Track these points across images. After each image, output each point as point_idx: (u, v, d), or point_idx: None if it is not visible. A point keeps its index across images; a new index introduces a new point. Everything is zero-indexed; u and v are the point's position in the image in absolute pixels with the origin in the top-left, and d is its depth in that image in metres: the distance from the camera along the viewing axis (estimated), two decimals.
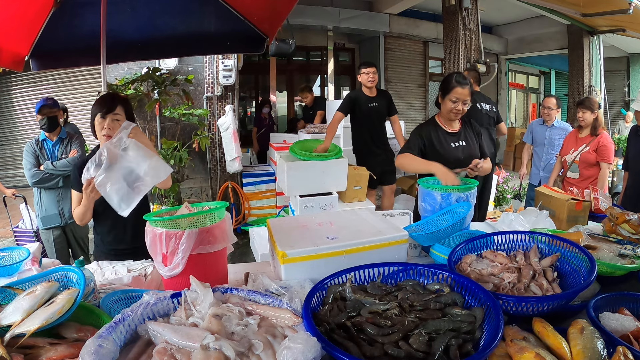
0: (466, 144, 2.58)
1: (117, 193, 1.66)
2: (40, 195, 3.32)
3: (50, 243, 3.38)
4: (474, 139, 2.63)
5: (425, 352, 0.92)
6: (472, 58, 6.28)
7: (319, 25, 8.68)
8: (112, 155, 1.71)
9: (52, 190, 3.31)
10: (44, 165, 3.26)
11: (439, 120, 2.61)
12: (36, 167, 3.24)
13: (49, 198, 3.31)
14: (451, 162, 2.39)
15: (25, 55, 3.12)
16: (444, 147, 2.54)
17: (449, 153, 2.52)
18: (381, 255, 1.49)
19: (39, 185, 3.28)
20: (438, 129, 2.58)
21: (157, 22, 3.28)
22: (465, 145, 2.58)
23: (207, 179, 6.51)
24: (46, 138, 3.33)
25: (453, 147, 2.56)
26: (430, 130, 2.58)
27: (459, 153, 2.54)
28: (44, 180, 3.25)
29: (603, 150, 3.65)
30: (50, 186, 3.28)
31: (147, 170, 1.70)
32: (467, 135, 2.62)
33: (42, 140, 3.32)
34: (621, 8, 5.97)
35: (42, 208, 3.33)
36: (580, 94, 8.42)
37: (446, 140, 2.56)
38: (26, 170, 3.25)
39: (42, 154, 3.30)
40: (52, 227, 3.35)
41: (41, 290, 1.12)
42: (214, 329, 0.99)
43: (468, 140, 2.60)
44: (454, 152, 2.54)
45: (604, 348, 0.93)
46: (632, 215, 1.67)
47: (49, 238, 3.37)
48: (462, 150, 2.56)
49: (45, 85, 6.50)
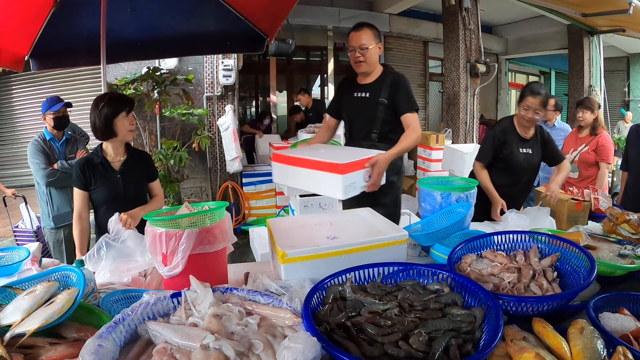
0: (532, 152, 2.71)
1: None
2: (51, 194, 3.27)
3: (59, 242, 3.32)
4: (539, 148, 2.74)
5: (425, 352, 0.92)
6: (472, 58, 6.29)
7: (319, 25, 8.68)
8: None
9: (63, 188, 3.27)
10: (58, 164, 3.20)
11: (516, 123, 2.72)
12: (49, 166, 3.18)
13: (61, 197, 3.26)
14: (515, 167, 2.65)
15: (25, 55, 3.13)
16: (512, 150, 2.69)
17: (515, 157, 2.68)
18: (381, 255, 1.49)
19: (54, 184, 3.22)
20: (513, 131, 2.72)
21: (157, 21, 3.28)
22: (531, 154, 2.71)
23: (207, 179, 6.51)
24: (53, 137, 3.27)
25: (521, 152, 2.69)
26: (507, 131, 2.73)
27: (523, 159, 2.69)
28: (60, 180, 3.19)
29: (602, 150, 3.65)
30: (64, 185, 3.24)
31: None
32: (535, 143, 2.73)
33: (49, 139, 3.25)
34: (621, 8, 5.97)
35: (54, 207, 3.27)
36: (580, 94, 8.42)
37: (517, 144, 2.70)
38: (39, 170, 3.16)
39: (51, 153, 3.24)
40: (63, 226, 3.29)
41: (41, 290, 1.12)
42: (213, 328, 0.99)
43: (534, 149, 2.72)
44: (520, 157, 2.69)
45: (603, 348, 0.93)
46: (632, 215, 1.67)
47: (59, 237, 3.32)
48: (526, 158, 2.69)
49: (45, 85, 6.50)
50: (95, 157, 2.25)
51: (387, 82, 2.40)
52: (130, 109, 2.22)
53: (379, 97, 2.39)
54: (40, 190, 3.29)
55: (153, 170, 2.45)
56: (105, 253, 1.68)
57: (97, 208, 2.29)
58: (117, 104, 2.18)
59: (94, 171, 2.23)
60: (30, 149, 3.19)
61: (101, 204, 2.27)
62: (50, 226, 3.30)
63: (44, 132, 3.27)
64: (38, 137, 3.24)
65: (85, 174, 2.21)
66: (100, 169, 2.24)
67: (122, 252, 1.72)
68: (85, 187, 2.23)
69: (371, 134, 2.46)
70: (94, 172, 2.23)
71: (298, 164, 2.13)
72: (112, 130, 2.18)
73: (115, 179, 2.26)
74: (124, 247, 1.75)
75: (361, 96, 2.48)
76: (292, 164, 2.16)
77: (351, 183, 2.01)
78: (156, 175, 2.46)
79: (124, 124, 2.20)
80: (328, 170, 1.98)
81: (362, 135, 2.50)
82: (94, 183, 2.22)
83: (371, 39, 2.34)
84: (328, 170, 1.98)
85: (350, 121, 2.62)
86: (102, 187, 2.24)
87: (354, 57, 2.39)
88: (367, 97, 2.45)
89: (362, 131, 2.50)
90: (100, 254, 1.68)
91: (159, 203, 2.40)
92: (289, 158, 2.18)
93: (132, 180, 2.31)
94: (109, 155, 2.28)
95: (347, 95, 2.56)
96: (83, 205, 2.24)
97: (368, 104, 2.44)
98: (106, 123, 2.15)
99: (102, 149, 2.27)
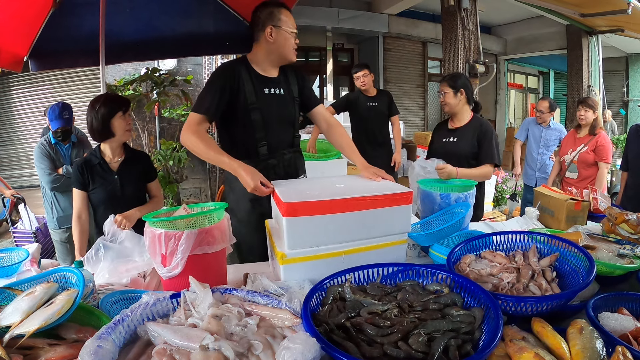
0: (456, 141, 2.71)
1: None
2: (56, 196, 3.25)
3: (63, 242, 3.32)
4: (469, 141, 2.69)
5: (425, 352, 0.92)
6: (470, 58, 6.27)
7: (318, 25, 8.69)
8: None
9: (69, 192, 3.21)
10: (63, 169, 3.18)
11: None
12: (54, 171, 3.17)
13: (65, 199, 3.24)
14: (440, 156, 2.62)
15: (25, 56, 3.13)
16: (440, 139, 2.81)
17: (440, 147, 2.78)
18: (380, 255, 1.49)
19: (59, 190, 3.21)
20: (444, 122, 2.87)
21: (156, 22, 3.28)
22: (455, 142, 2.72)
23: (206, 180, 6.51)
24: (58, 141, 3.23)
25: (444, 141, 2.74)
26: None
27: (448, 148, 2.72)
28: (64, 185, 3.16)
29: (601, 150, 3.65)
30: (69, 189, 3.20)
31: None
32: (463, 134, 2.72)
33: (54, 143, 3.22)
34: (620, 8, 5.97)
35: (59, 209, 3.27)
36: (579, 94, 8.42)
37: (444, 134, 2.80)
38: (44, 175, 3.16)
39: (57, 157, 3.21)
40: (69, 226, 3.21)
41: (40, 291, 1.12)
42: (213, 329, 0.99)
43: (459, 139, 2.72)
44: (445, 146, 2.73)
45: (603, 348, 0.93)
46: (630, 215, 1.67)
47: (63, 237, 3.31)
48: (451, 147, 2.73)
49: (44, 85, 6.50)
50: (94, 158, 2.26)
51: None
52: (126, 109, 2.23)
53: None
54: (45, 192, 3.29)
55: (151, 171, 2.45)
56: (103, 254, 1.68)
57: (96, 209, 2.30)
58: (113, 104, 2.18)
59: (92, 172, 2.23)
60: (36, 153, 3.18)
61: (99, 204, 2.27)
62: (55, 227, 3.30)
63: (49, 135, 3.25)
64: (44, 141, 3.22)
65: (84, 175, 2.21)
66: (99, 169, 2.24)
67: (120, 253, 1.72)
68: (84, 187, 2.23)
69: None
70: (92, 173, 2.23)
71: (337, 208, 1.44)
72: (110, 130, 2.19)
73: (113, 179, 2.26)
74: (122, 247, 1.75)
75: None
76: (324, 212, 1.43)
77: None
78: (155, 175, 2.46)
79: (121, 124, 2.20)
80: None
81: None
82: (92, 184, 2.23)
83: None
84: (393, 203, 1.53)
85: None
86: (100, 188, 2.24)
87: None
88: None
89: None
90: (99, 255, 1.68)
91: (157, 204, 2.40)
92: (322, 204, 1.42)
93: (130, 180, 2.31)
94: (106, 156, 2.28)
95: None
96: (82, 206, 2.24)
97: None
98: (103, 124, 2.16)
99: (100, 150, 2.28)
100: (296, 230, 1.39)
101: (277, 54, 2.02)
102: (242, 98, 1.96)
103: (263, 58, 2.03)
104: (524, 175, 4.82)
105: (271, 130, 2.03)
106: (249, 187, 1.65)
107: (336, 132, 2.14)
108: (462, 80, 2.65)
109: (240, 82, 1.96)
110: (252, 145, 2.01)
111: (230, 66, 2.00)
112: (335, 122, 2.17)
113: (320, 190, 1.54)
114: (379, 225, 1.50)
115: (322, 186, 1.65)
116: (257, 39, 2.02)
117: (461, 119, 2.71)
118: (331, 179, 1.82)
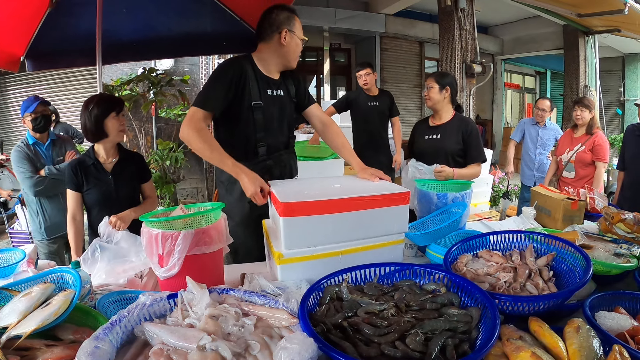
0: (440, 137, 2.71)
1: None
2: (41, 203, 3.05)
3: (52, 254, 3.12)
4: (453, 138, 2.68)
5: (422, 352, 0.92)
6: (467, 58, 6.28)
7: (315, 25, 8.68)
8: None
9: (54, 196, 3.08)
10: (45, 170, 3.00)
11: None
12: (35, 173, 2.98)
13: (52, 206, 3.09)
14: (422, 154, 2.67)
15: (21, 56, 3.11)
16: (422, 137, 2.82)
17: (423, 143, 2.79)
18: (377, 255, 1.49)
19: (43, 193, 3.01)
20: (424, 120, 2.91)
21: (152, 22, 3.27)
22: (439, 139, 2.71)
23: (203, 180, 6.50)
24: (37, 141, 3.05)
25: (427, 138, 2.74)
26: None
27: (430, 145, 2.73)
28: (49, 188, 3.00)
29: (599, 150, 3.67)
30: (54, 193, 3.06)
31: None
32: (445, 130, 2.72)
33: (32, 144, 3.04)
34: (616, 8, 5.99)
35: (46, 217, 3.07)
36: (575, 94, 8.45)
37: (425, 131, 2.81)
38: (25, 179, 2.96)
39: (37, 159, 3.02)
40: (58, 236, 3.12)
41: (37, 292, 1.11)
42: (210, 329, 0.99)
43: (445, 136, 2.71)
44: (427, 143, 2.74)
45: (599, 347, 0.93)
46: (627, 215, 1.68)
47: (52, 249, 3.14)
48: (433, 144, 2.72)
49: (40, 86, 6.47)
50: (87, 159, 2.24)
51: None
52: (120, 110, 2.22)
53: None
54: (29, 199, 3.09)
55: (146, 172, 2.44)
56: (99, 255, 1.68)
57: (90, 210, 2.28)
58: (106, 104, 2.17)
59: (86, 173, 2.22)
60: (13, 156, 3.00)
61: (93, 205, 2.26)
62: (43, 238, 3.11)
63: (27, 136, 3.06)
64: (21, 143, 3.04)
65: (78, 175, 2.20)
66: (92, 170, 2.23)
67: (117, 254, 1.71)
68: (77, 188, 2.22)
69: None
70: (86, 174, 2.22)
71: (335, 208, 1.44)
72: (103, 131, 2.18)
73: (107, 180, 2.25)
74: (118, 248, 1.74)
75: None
76: (322, 211, 1.42)
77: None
78: (149, 176, 2.45)
79: (115, 125, 2.19)
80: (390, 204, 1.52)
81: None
82: (86, 185, 2.22)
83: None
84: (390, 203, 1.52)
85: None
86: (94, 189, 2.23)
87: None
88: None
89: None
90: (95, 256, 1.67)
91: (151, 205, 2.38)
92: (319, 204, 1.41)
93: (124, 181, 2.30)
94: (100, 157, 2.27)
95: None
96: (76, 207, 2.23)
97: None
98: (97, 124, 2.15)
99: (94, 150, 2.27)
100: (293, 230, 1.39)
101: (285, 58, 2.02)
102: (246, 96, 1.95)
103: (269, 59, 2.03)
104: (522, 175, 4.83)
105: (271, 131, 2.03)
106: (249, 192, 1.65)
107: (331, 131, 2.13)
108: (450, 79, 2.67)
109: (246, 80, 1.95)
110: (251, 145, 2.00)
111: (237, 62, 1.99)
112: (329, 121, 2.17)
113: (317, 190, 1.54)
114: (376, 225, 1.50)
115: (320, 186, 1.65)
116: (268, 40, 2.00)
117: (443, 117, 2.72)
118: (328, 179, 1.82)
